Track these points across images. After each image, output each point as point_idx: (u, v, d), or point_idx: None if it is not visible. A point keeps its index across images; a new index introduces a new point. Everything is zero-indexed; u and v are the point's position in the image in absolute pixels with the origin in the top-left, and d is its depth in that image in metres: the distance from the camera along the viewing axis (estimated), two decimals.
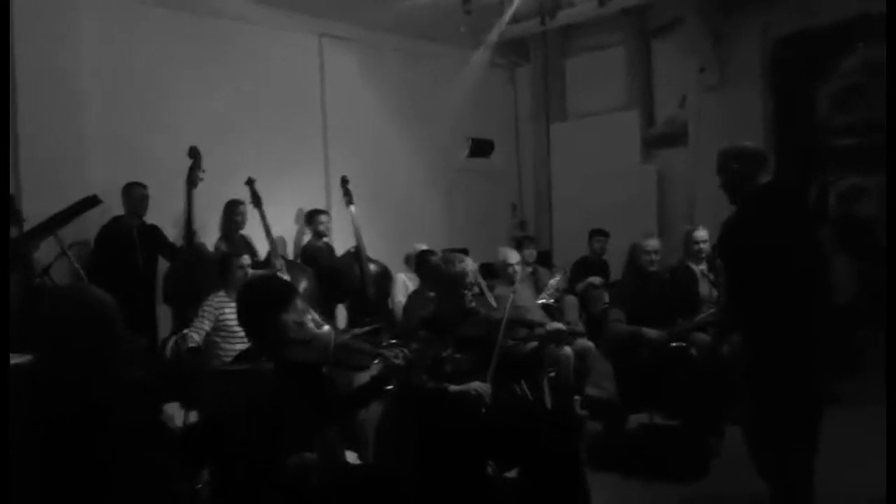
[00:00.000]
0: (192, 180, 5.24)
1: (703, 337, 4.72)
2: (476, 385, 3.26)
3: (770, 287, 3.33)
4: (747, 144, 3.53)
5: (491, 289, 5.27)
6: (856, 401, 5.14)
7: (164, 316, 5.37)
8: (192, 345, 4.24)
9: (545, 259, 7.38)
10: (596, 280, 6.76)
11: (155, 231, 5.42)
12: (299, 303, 2.82)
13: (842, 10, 6.22)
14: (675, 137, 7.68)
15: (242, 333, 2.96)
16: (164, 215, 5.51)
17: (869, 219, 6.41)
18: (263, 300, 2.74)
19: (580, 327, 5.71)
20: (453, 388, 3.26)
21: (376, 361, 2.91)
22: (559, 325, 4.91)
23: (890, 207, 3.18)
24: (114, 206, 5.29)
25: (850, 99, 6.55)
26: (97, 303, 2.15)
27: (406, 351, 2.85)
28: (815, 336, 3.46)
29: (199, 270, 5.10)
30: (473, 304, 3.55)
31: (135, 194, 5.31)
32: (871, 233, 6.25)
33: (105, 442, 1.98)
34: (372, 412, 3.85)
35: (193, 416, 3.36)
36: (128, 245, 5.21)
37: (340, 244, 6.52)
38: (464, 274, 3.46)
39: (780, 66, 6.92)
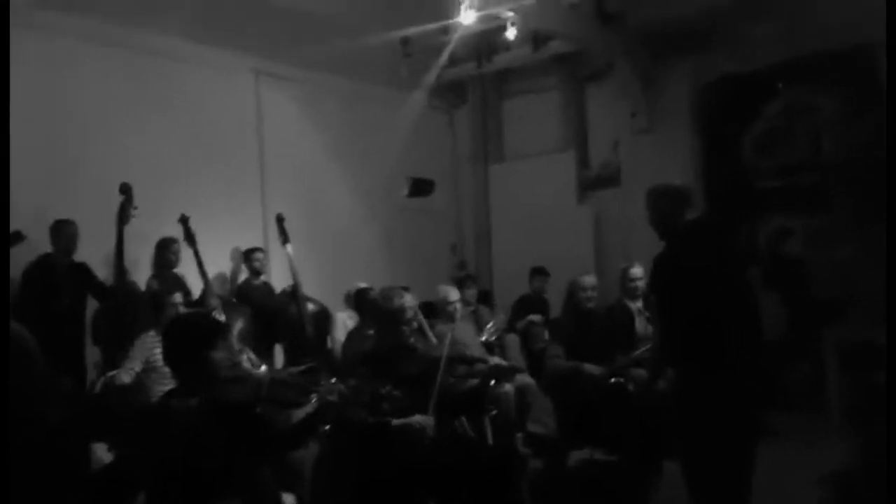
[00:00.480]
0: (123, 217, 5.11)
1: (640, 372, 4.77)
2: (418, 418, 3.21)
3: (699, 321, 3.40)
4: (673, 182, 3.64)
5: (432, 327, 5.24)
6: (791, 435, 5.27)
7: (92, 357, 5.17)
8: (119, 383, 4.07)
9: (486, 298, 7.40)
10: (536, 318, 6.79)
11: (84, 269, 5.24)
12: (231, 340, 2.75)
13: (767, 57, 6.52)
14: (609, 179, 7.88)
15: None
16: (94, 253, 5.33)
17: (795, 259, 6.65)
18: (191, 337, 2.66)
19: (522, 364, 5.71)
20: (395, 421, 3.20)
21: (312, 399, 2.85)
22: (499, 361, 4.96)
23: (890, 208, 3.29)
24: (41, 244, 5.10)
25: (774, 142, 6.83)
26: (16, 339, 2.05)
27: (342, 387, 2.80)
28: (745, 370, 3.54)
29: (130, 310, 4.94)
30: (412, 340, 3.51)
31: (64, 231, 5.13)
32: (797, 272, 6.48)
33: (27, 481, 1.87)
34: (309, 452, 3.76)
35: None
36: (56, 283, 5.01)
37: (279, 283, 6.42)
38: (402, 309, 3.43)
39: (707, 109, 7.19)
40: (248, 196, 6.75)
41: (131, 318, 4.83)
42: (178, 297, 4.62)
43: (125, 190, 5.17)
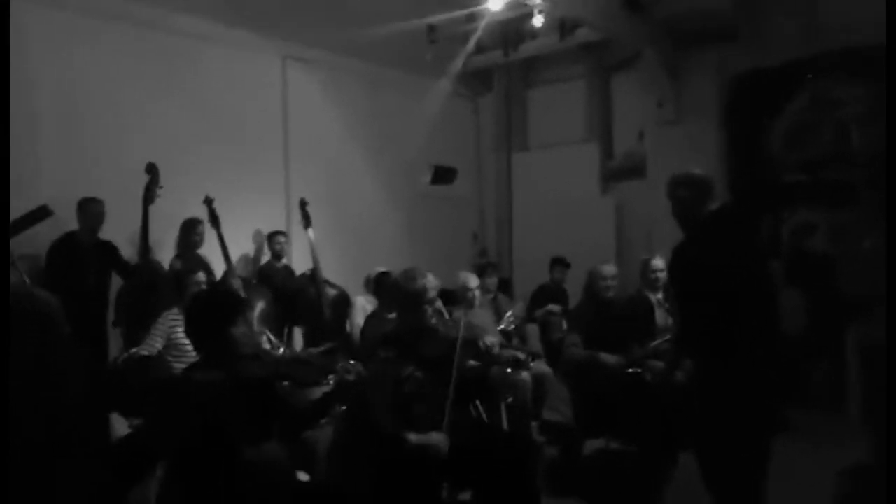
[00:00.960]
0: (149, 196, 5.17)
1: (658, 364, 4.75)
2: (435, 438, 3.15)
3: (718, 313, 3.38)
4: (695, 171, 3.60)
5: (450, 314, 5.26)
6: (810, 431, 5.24)
7: (115, 336, 5.25)
8: (140, 356, 4.12)
9: (505, 287, 7.40)
10: (555, 307, 6.80)
11: (110, 248, 5.31)
12: (252, 318, 2.78)
13: (794, 50, 6.43)
14: (633, 170, 7.83)
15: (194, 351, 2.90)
16: (119, 232, 5.41)
17: (819, 254, 6.57)
18: (213, 312, 2.70)
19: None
20: (413, 437, 3.13)
21: (330, 379, 2.87)
22: (516, 353, 4.97)
23: (890, 209, 3.25)
24: (69, 222, 5.18)
25: (801, 136, 6.74)
26: (39, 302, 2.10)
27: (360, 368, 2.82)
28: (763, 364, 3.51)
29: (153, 289, 5.00)
30: (434, 321, 3.50)
31: (90, 210, 5.20)
32: (821, 268, 6.40)
33: (46, 448, 1.91)
34: (324, 432, 3.80)
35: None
36: (81, 261, 5.08)
37: (300, 267, 6.47)
38: (424, 290, 3.41)
39: (734, 102, 7.11)
40: (272, 179, 6.80)
41: (155, 298, 4.88)
42: (201, 275, 4.67)
43: (151, 170, 5.23)
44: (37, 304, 2.08)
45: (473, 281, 5.42)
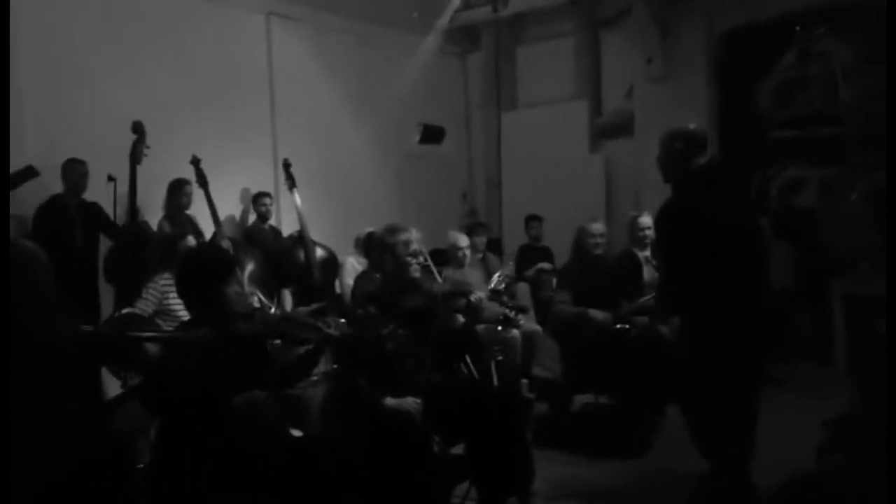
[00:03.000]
0: (135, 156, 5.12)
1: (646, 320, 4.81)
2: (409, 402, 3.16)
3: (706, 266, 3.42)
4: (688, 126, 3.62)
5: (439, 273, 5.28)
6: (796, 384, 5.33)
7: (106, 297, 5.24)
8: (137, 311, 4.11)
9: (495, 246, 7.42)
10: (546, 266, 6.84)
11: (95, 209, 5.27)
12: (242, 278, 2.78)
13: (785, 4, 6.39)
14: (622, 127, 7.80)
15: (186, 316, 2.90)
16: (107, 193, 5.36)
17: (807, 210, 6.61)
18: (205, 272, 2.70)
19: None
20: (388, 401, 3.16)
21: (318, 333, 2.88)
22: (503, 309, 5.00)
23: (890, 207, 3.28)
24: (53, 185, 5.13)
25: (791, 92, 6.73)
26: (24, 253, 2.09)
27: (342, 322, 2.83)
28: (751, 317, 3.56)
29: (141, 250, 4.97)
30: (418, 276, 3.50)
31: (74, 171, 5.15)
32: (809, 223, 6.45)
33: (32, 398, 1.92)
34: (317, 390, 3.83)
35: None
36: (67, 224, 5.05)
37: (288, 228, 6.45)
38: (408, 242, 3.40)
39: (724, 58, 7.07)
40: (259, 138, 6.74)
41: (143, 258, 4.87)
42: (191, 239, 4.65)
43: (138, 129, 5.17)
44: (22, 253, 2.07)
45: (464, 240, 5.43)
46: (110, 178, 5.14)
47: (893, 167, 3.46)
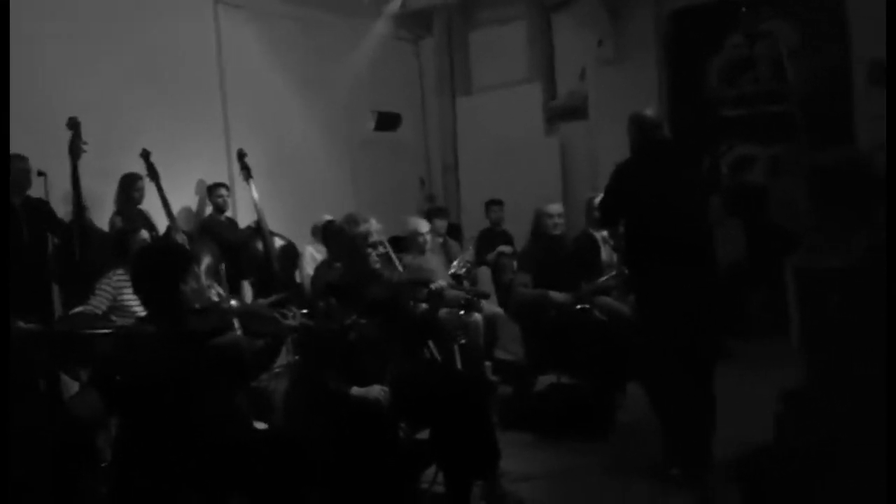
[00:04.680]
0: (74, 152, 4.97)
1: (605, 300, 4.88)
2: (376, 391, 3.18)
3: (656, 236, 3.52)
4: (645, 111, 3.80)
5: (400, 261, 5.27)
6: (751, 359, 5.45)
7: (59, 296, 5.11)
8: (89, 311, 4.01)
9: (455, 232, 7.43)
10: (506, 249, 6.88)
11: (41, 205, 5.11)
12: (199, 272, 2.74)
13: None
14: (576, 110, 7.86)
15: (141, 313, 2.85)
16: (53, 191, 5.20)
17: (758, 186, 6.75)
18: (160, 268, 2.66)
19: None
20: (355, 390, 3.17)
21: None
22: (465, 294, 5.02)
23: (890, 204, 3.37)
24: None
25: (737, 71, 6.86)
26: None
27: (300, 312, 2.81)
28: (703, 292, 3.66)
29: (87, 247, 4.85)
30: (379, 267, 3.50)
31: (15, 168, 4.96)
32: (760, 200, 6.59)
33: None
34: (280, 383, 3.81)
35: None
36: (13, 222, 4.90)
37: (245, 219, 6.36)
38: (367, 233, 3.41)
39: (673, 38, 7.16)
40: (211, 128, 6.60)
41: (89, 256, 4.75)
42: (144, 233, 4.55)
43: (73, 125, 5.02)
44: None
45: (424, 226, 5.43)
46: (40, 174, 4.99)
47: (893, 163, 3.55)
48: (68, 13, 5.61)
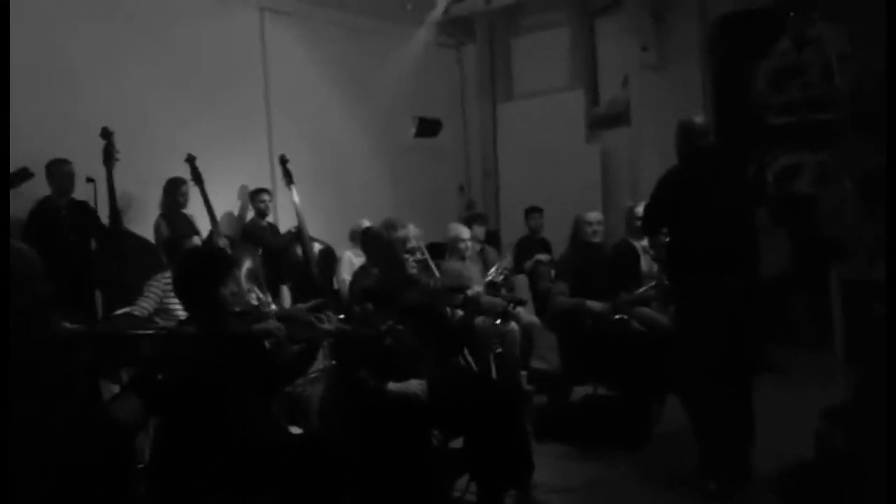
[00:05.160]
0: (108, 161, 5.10)
1: (644, 310, 4.81)
2: (415, 385, 3.18)
3: (699, 246, 3.48)
4: (694, 118, 3.78)
5: (438, 267, 5.28)
6: (795, 370, 5.34)
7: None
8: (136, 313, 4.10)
9: (493, 239, 7.42)
10: (543, 257, 6.83)
11: (84, 208, 5.23)
12: (239, 276, 2.79)
13: None
14: (618, 117, 7.78)
15: (184, 316, 2.90)
16: (102, 196, 5.31)
17: (805, 196, 6.60)
18: (201, 272, 2.71)
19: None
20: (392, 386, 3.16)
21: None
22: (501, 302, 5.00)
23: (890, 201, 3.30)
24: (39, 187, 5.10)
25: (785, 77, 6.72)
26: (18, 255, 2.09)
27: (337, 317, 2.83)
28: (747, 303, 3.60)
29: (123, 255, 4.95)
30: (416, 273, 3.50)
31: (59, 172, 5.09)
32: (807, 210, 6.44)
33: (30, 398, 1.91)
34: (316, 388, 3.84)
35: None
36: (58, 225, 5.03)
37: (286, 223, 6.45)
38: (405, 239, 3.42)
39: (718, 44, 7.05)
40: (255, 135, 6.72)
41: (124, 264, 4.85)
42: (196, 240, 4.67)
43: (106, 135, 5.14)
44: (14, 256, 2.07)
45: (466, 232, 5.43)
46: (89, 180, 5.11)
47: (893, 160, 3.47)
48: (117, 21, 5.77)
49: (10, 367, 1.95)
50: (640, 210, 5.08)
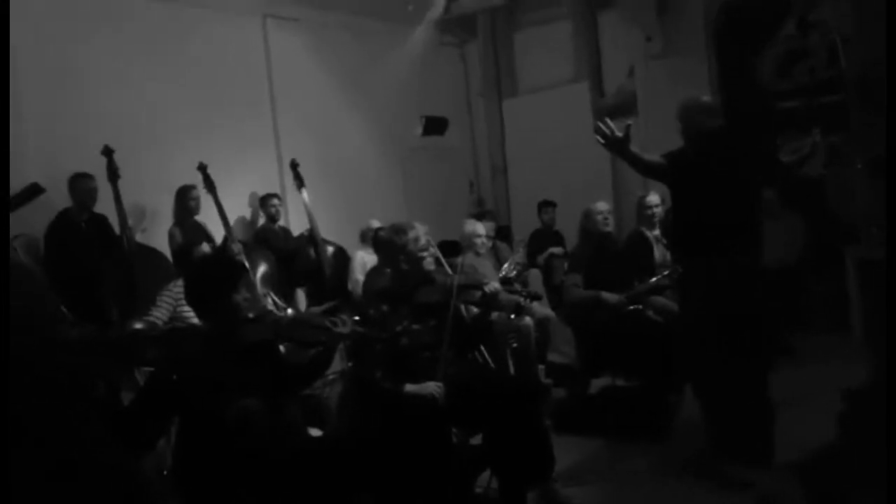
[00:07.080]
0: (112, 177, 5.14)
1: (659, 300, 4.79)
2: (431, 387, 3.19)
3: (706, 227, 3.46)
4: (701, 97, 3.84)
5: (451, 266, 5.27)
6: (813, 354, 5.31)
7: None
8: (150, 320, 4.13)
9: (504, 234, 7.42)
10: (557, 250, 6.84)
11: (103, 222, 5.29)
12: (253, 281, 2.80)
13: None
14: (625, 107, 7.75)
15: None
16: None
17: (814, 178, 6.56)
18: (213, 279, 2.71)
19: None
20: (409, 387, 3.18)
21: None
22: (516, 297, 5.00)
23: (890, 200, 3.28)
24: (58, 201, 5.15)
25: (791, 62, 6.67)
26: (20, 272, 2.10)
27: (353, 320, 2.83)
28: (761, 289, 3.58)
29: (132, 268, 4.98)
30: (430, 271, 3.50)
31: (81, 186, 5.16)
32: (816, 192, 6.40)
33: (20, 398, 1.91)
34: (334, 390, 3.86)
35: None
36: (78, 239, 5.08)
37: (297, 227, 6.47)
38: (414, 240, 3.42)
39: (723, 31, 7.00)
40: (262, 140, 6.76)
41: (133, 277, 4.88)
42: (205, 246, 4.68)
43: (107, 152, 5.19)
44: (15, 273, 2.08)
45: (481, 228, 5.43)
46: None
47: (893, 148, 3.45)
48: (123, 31, 5.81)
49: (29, 388, 1.96)
50: (650, 199, 5.08)
